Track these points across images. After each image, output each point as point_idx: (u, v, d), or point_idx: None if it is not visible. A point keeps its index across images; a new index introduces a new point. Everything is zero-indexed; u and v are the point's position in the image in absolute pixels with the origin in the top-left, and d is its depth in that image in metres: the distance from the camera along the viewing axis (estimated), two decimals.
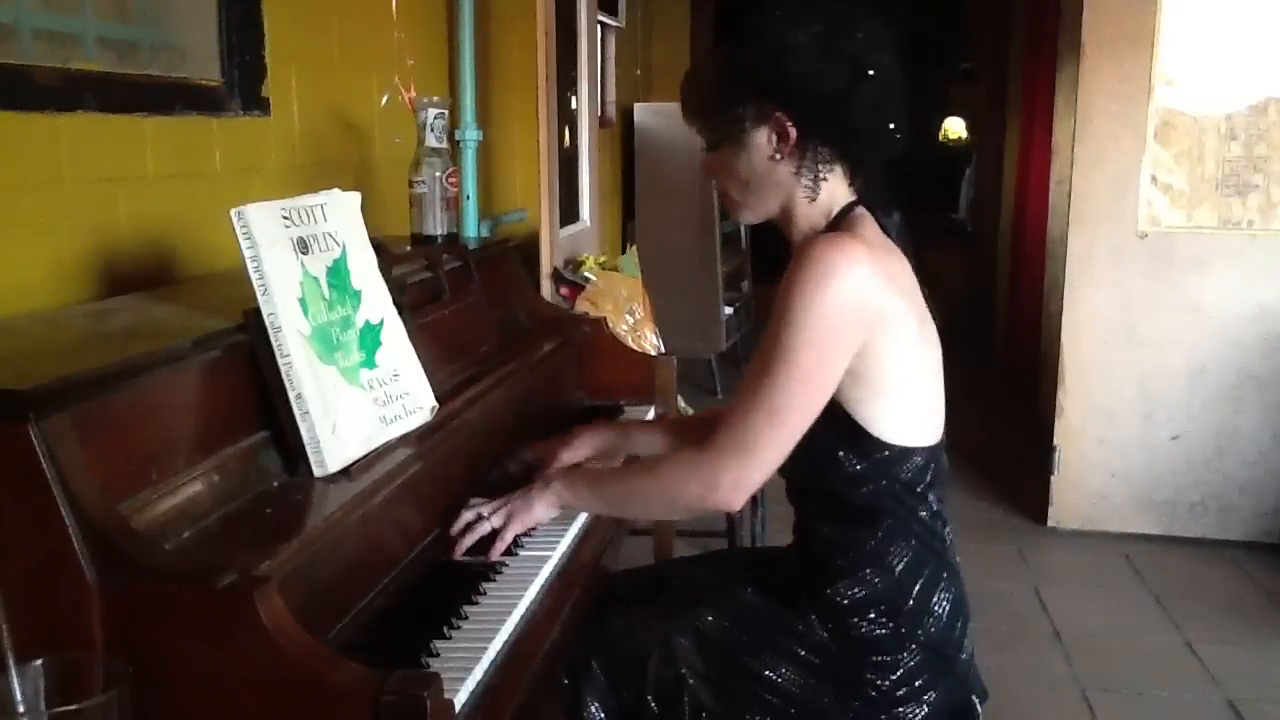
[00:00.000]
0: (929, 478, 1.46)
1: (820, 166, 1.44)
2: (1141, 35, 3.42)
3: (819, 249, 1.35)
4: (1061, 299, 3.66)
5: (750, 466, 1.36)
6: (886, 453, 1.42)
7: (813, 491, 1.49)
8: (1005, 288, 5.85)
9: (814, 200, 1.46)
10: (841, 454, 1.41)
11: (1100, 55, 3.46)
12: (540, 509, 1.54)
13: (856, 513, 1.43)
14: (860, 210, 1.47)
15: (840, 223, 1.46)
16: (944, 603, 1.46)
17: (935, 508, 1.48)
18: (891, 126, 1.43)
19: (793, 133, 1.42)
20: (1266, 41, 3.36)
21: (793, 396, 1.34)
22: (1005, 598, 3.18)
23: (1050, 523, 3.72)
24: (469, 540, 1.51)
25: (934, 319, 1.48)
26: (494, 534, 1.52)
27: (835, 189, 1.47)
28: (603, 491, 1.53)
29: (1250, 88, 3.39)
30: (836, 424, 1.40)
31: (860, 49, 1.39)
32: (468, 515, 1.54)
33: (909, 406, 1.43)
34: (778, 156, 1.44)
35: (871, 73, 1.39)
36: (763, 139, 1.44)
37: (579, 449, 1.75)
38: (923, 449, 1.44)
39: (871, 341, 1.37)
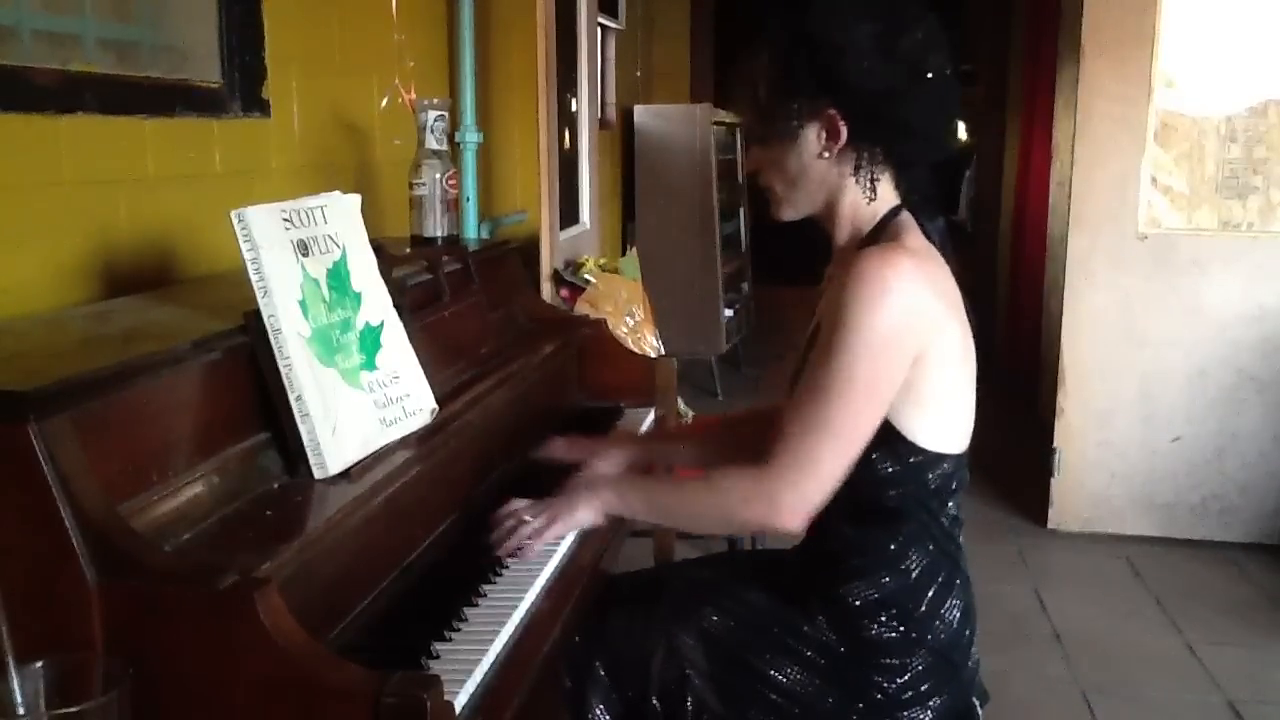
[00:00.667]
0: (953, 485, 1.47)
1: (874, 168, 1.44)
2: (1141, 37, 3.42)
3: (871, 265, 1.34)
4: (1061, 300, 3.66)
5: (812, 486, 1.35)
6: (920, 458, 1.41)
7: (839, 490, 1.48)
8: (1005, 289, 5.85)
9: (850, 198, 1.46)
10: (875, 455, 1.40)
11: (1100, 57, 3.46)
12: (583, 514, 1.51)
13: (881, 514, 1.43)
14: (904, 216, 1.47)
15: (885, 228, 1.45)
16: (955, 609, 1.46)
17: (954, 514, 1.48)
18: (944, 131, 1.44)
19: (843, 131, 1.41)
20: (1266, 43, 3.37)
21: (852, 414, 1.34)
22: (1005, 599, 3.18)
23: (1050, 524, 3.72)
24: (513, 542, 1.49)
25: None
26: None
27: (880, 190, 1.47)
28: (656, 502, 1.52)
29: (1250, 90, 3.39)
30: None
31: (918, 50, 1.39)
32: (509, 522, 1.51)
33: (946, 414, 1.43)
34: (826, 155, 1.44)
35: (929, 75, 1.39)
36: (812, 135, 1.43)
37: (612, 460, 1.74)
38: (952, 456, 1.45)
39: (921, 353, 1.37)
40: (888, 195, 1.47)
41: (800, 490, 1.35)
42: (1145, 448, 3.61)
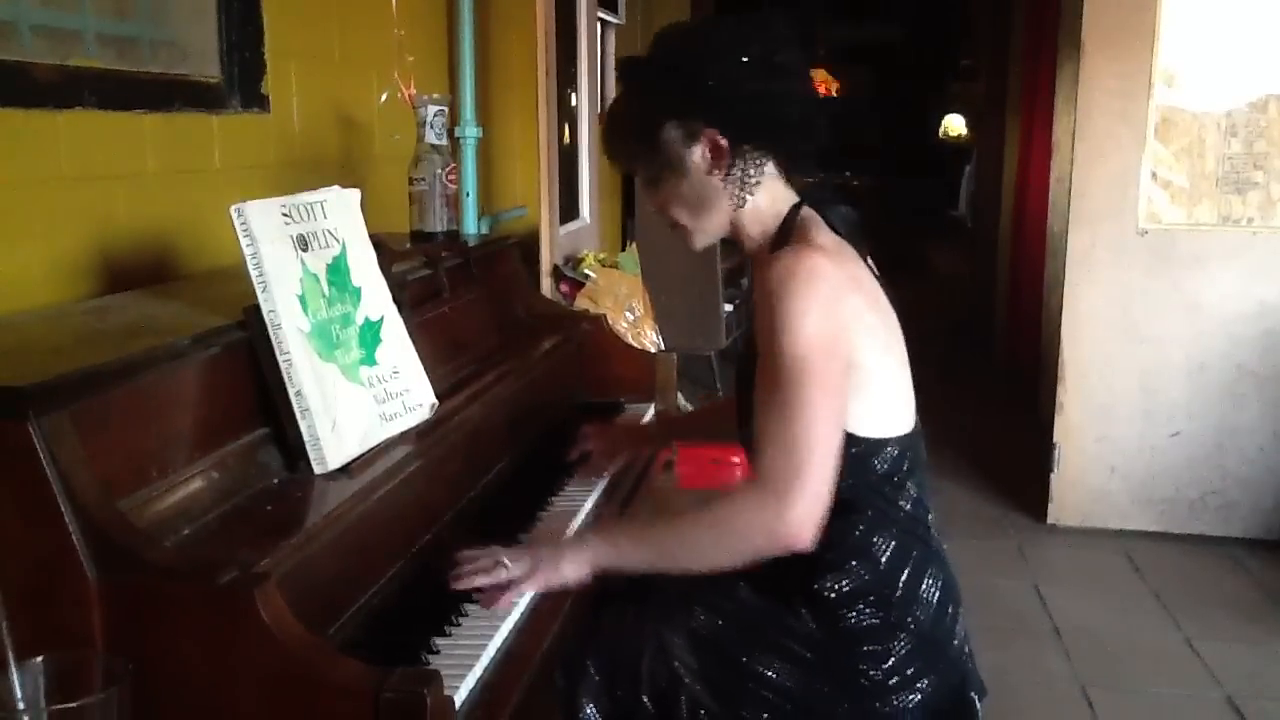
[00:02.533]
0: (905, 467, 1.47)
1: (753, 171, 1.46)
2: (1141, 32, 3.41)
3: (787, 266, 1.36)
4: (1062, 296, 3.66)
5: (810, 501, 1.34)
6: (860, 447, 1.43)
7: None
8: (1005, 285, 5.85)
9: (750, 206, 1.48)
10: None
11: (1100, 52, 3.46)
12: (569, 571, 1.40)
13: (836, 506, 1.42)
14: (806, 212, 1.49)
15: (790, 228, 1.47)
16: (933, 590, 1.47)
17: (915, 494, 1.49)
18: (817, 116, 1.46)
19: (724, 143, 1.44)
20: (1266, 38, 3.36)
21: (819, 417, 1.34)
22: (1005, 595, 3.18)
23: (1050, 520, 3.72)
24: (481, 581, 1.37)
25: (892, 305, 1.50)
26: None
27: (774, 191, 1.49)
28: (650, 547, 1.43)
29: (1250, 84, 3.39)
30: None
31: (765, 46, 1.42)
32: (485, 562, 1.39)
33: (878, 400, 1.44)
34: (715, 172, 1.46)
35: (781, 63, 1.42)
36: (697, 158, 1.46)
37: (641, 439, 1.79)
38: (896, 439, 1.46)
39: (850, 331, 1.39)
40: (785, 194, 1.50)
41: (800, 509, 1.34)
42: (1145, 443, 3.61)
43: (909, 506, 1.48)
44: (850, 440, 1.41)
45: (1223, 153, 3.43)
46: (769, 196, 1.49)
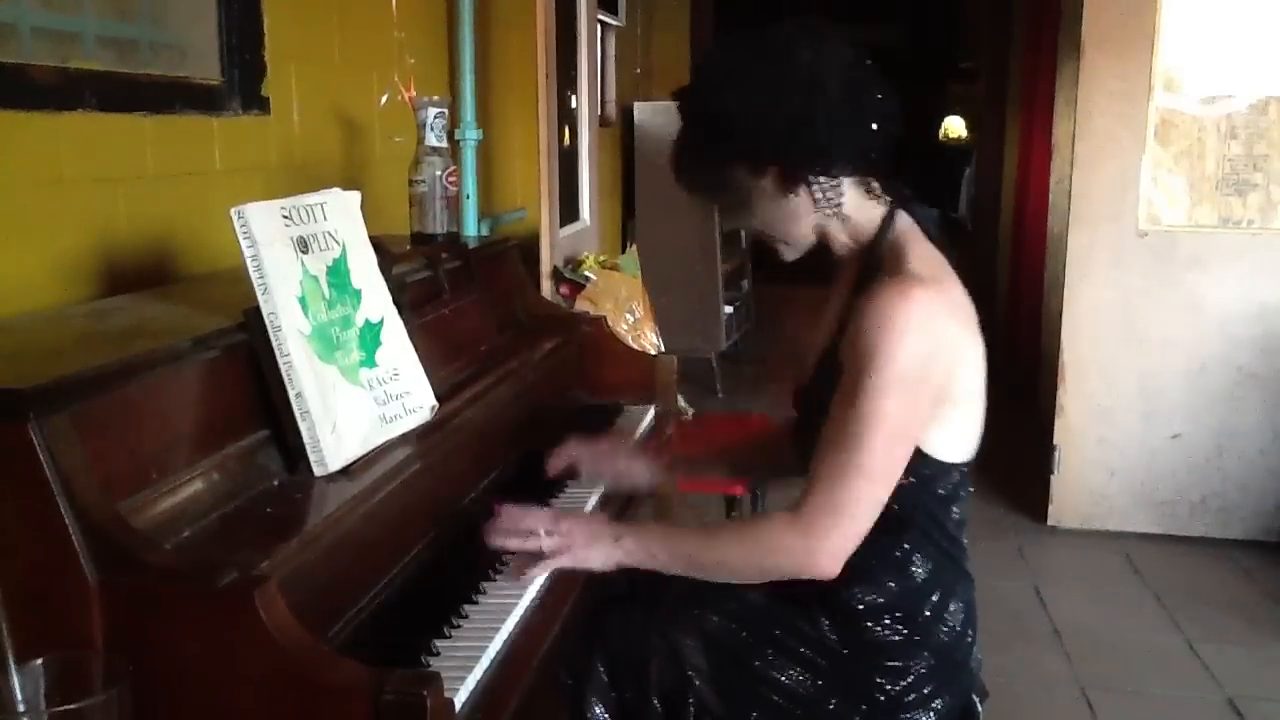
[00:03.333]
0: (961, 492, 1.47)
1: (830, 191, 1.44)
2: (1142, 33, 3.42)
3: (888, 306, 1.34)
4: (1062, 298, 3.66)
5: (849, 532, 1.34)
6: (933, 470, 1.42)
7: None
8: (1005, 286, 5.85)
9: (835, 218, 1.46)
10: None
11: (1100, 54, 3.46)
12: (596, 559, 1.43)
13: (887, 521, 1.42)
14: (902, 219, 1.46)
15: (886, 236, 1.45)
16: (959, 612, 1.47)
17: (959, 517, 1.48)
18: (875, 127, 1.41)
19: (785, 173, 1.42)
20: (1266, 40, 3.36)
21: (883, 457, 1.33)
22: (1005, 597, 3.18)
23: (1050, 521, 3.72)
24: (515, 545, 1.42)
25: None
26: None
27: (858, 200, 1.47)
28: (682, 554, 1.43)
29: (1250, 86, 3.39)
30: None
31: (808, 69, 1.38)
32: (529, 522, 1.44)
33: (961, 426, 1.44)
34: (791, 194, 1.44)
35: (827, 85, 1.37)
36: (768, 186, 1.44)
37: (631, 474, 1.76)
38: (961, 464, 1.45)
39: (947, 380, 1.38)
40: (871, 202, 1.47)
41: (836, 538, 1.34)
42: (1145, 445, 3.61)
43: (951, 529, 1.47)
44: (926, 462, 1.40)
45: (1223, 154, 3.43)
46: (854, 205, 1.46)
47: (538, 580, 1.43)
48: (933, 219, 1.50)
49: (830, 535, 1.33)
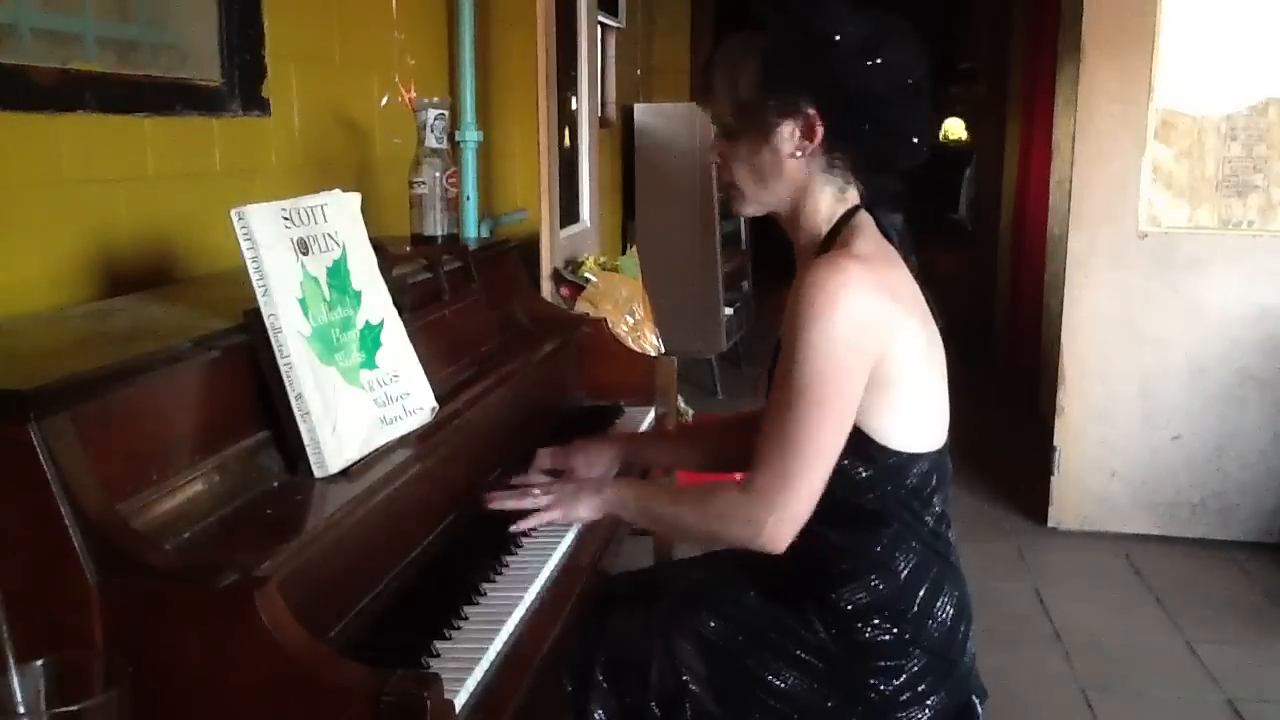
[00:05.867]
0: (934, 482, 1.46)
1: (831, 170, 1.44)
2: (1141, 35, 3.42)
3: (818, 276, 1.34)
4: (1062, 299, 3.66)
5: (791, 504, 1.35)
6: (894, 459, 1.41)
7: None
8: (1005, 288, 5.85)
9: (810, 202, 1.46)
10: (847, 462, 1.40)
11: (1100, 55, 3.46)
12: (583, 510, 1.56)
13: (862, 518, 1.43)
14: (861, 216, 1.46)
15: (840, 230, 1.45)
16: (948, 607, 1.46)
17: (939, 510, 1.48)
18: (916, 140, 1.43)
19: (819, 131, 1.41)
20: (1266, 42, 3.36)
21: (819, 429, 1.34)
22: (1005, 598, 3.17)
23: (1050, 523, 3.72)
24: (513, 504, 1.57)
25: (936, 320, 1.48)
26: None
27: (839, 194, 1.47)
28: (650, 510, 1.54)
29: (1250, 88, 3.39)
30: None
31: (903, 58, 1.39)
32: (517, 490, 1.61)
33: (915, 414, 1.43)
34: (798, 154, 1.43)
35: (911, 83, 1.39)
36: (787, 133, 1.42)
37: (596, 464, 1.77)
38: (928, 454, 1.44)
39: (882, 356, 1.37)
40: (850, 196, 1.48)
41: (779, 511, 1.35)
42: (1145, 446, 3.61)
43: (933, 522, 1.47)
44: (884, 453, 1.40)
45: (1223, 156, 3.43)
46: (832, 198, 1.46)
47: (538, 581, 1.43)
48: (897, 226, 1.50)
49: (771, 509, 1.35)
